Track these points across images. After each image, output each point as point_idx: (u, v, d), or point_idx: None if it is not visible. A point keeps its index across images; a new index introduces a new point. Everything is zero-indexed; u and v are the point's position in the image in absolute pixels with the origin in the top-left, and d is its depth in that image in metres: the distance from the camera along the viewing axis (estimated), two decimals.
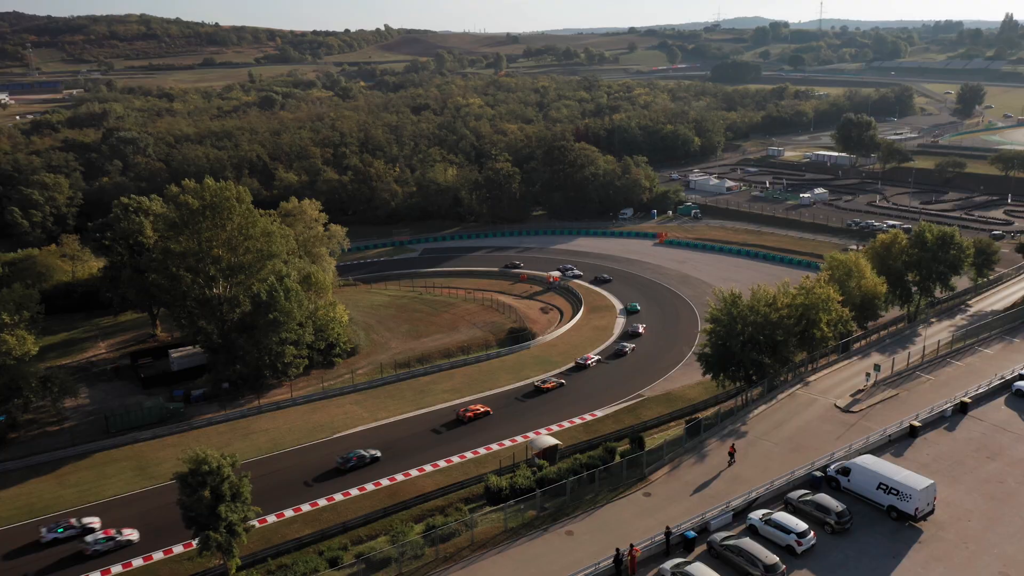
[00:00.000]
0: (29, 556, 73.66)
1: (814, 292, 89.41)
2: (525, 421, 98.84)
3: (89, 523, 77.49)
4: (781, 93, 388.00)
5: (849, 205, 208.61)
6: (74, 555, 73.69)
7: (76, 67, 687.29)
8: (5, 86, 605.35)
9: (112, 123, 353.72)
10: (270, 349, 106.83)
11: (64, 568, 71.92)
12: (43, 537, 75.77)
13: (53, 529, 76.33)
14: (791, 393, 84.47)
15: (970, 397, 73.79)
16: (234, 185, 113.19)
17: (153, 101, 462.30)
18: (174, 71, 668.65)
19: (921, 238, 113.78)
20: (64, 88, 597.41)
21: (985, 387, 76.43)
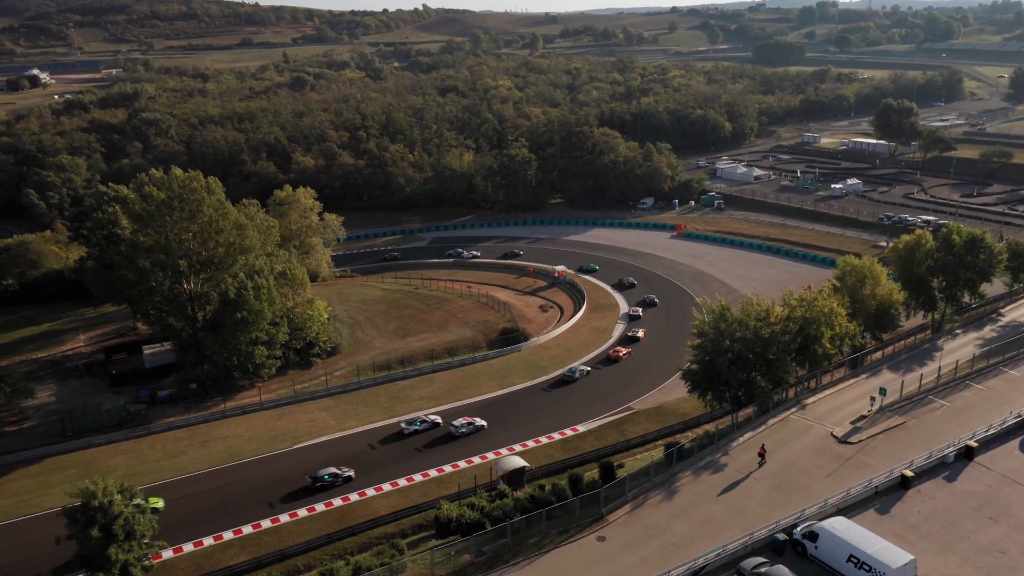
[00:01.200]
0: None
1: (816, 305, 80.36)
2: (504, 435, 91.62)
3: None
4: (822, 76, 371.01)
5: (884, 197, 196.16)
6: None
7: (117, 47, 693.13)
8: (47, 65, 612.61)
9: (143, 104, 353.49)
10: (239, 350, 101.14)
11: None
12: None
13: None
14: (784, 418, 75.86)
15: (977, 440, 64.35)
16: (202, 176, 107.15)
17: (187, 81, 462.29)
18: (212, 51, 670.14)
19: (948, 240, 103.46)
20: (104, 68, 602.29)
21: (997, 427, 66.85)
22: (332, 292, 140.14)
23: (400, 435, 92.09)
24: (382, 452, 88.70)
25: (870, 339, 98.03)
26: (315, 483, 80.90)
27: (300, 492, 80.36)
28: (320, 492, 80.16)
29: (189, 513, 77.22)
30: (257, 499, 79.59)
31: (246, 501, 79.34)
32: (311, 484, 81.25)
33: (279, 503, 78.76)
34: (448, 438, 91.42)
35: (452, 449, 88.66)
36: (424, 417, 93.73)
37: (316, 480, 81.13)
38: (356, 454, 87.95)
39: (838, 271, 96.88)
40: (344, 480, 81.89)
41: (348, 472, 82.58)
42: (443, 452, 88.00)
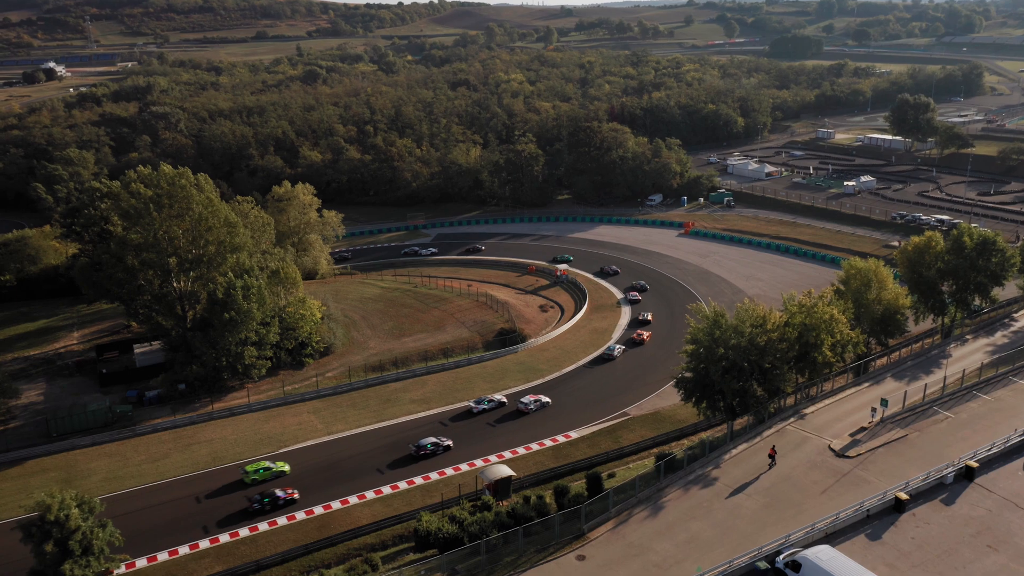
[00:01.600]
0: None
1: (815, 311, 77.17)
2: (493, 441, 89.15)
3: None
4: (839, 70, 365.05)
5: (898, 195, 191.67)
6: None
7: (133, 40, 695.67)
8: (63, 58, 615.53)
9: (156, 97, 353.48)
10: (227, 350, 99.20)
11: None
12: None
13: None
14: (781, 429, 72.90)
15: (978, 460, 61.04)
16: (191, 172, 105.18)
17: (201, 75, 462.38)
18: (227, 44, 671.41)
19: (959, 243, 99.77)
20: (120, 61, 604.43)
21: (1000, 446, 63.48)
22: (330, 290, 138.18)
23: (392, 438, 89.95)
24: (368, 458, 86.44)
25: (875, 345, 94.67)
26: (252, 503, 76.00)
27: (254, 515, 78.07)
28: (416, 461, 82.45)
29: (164, 520, 75.33)
30: (235, 506, 77.52)
31: (224, 508, 77.30)
32: (415, 452, 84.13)
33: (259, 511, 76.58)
34: (517, 415, 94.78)
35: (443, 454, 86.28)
36: (491, 397, 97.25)
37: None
38: (340, 460, 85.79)
39: (842, 274, 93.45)
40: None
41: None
42: (434, 458, 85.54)
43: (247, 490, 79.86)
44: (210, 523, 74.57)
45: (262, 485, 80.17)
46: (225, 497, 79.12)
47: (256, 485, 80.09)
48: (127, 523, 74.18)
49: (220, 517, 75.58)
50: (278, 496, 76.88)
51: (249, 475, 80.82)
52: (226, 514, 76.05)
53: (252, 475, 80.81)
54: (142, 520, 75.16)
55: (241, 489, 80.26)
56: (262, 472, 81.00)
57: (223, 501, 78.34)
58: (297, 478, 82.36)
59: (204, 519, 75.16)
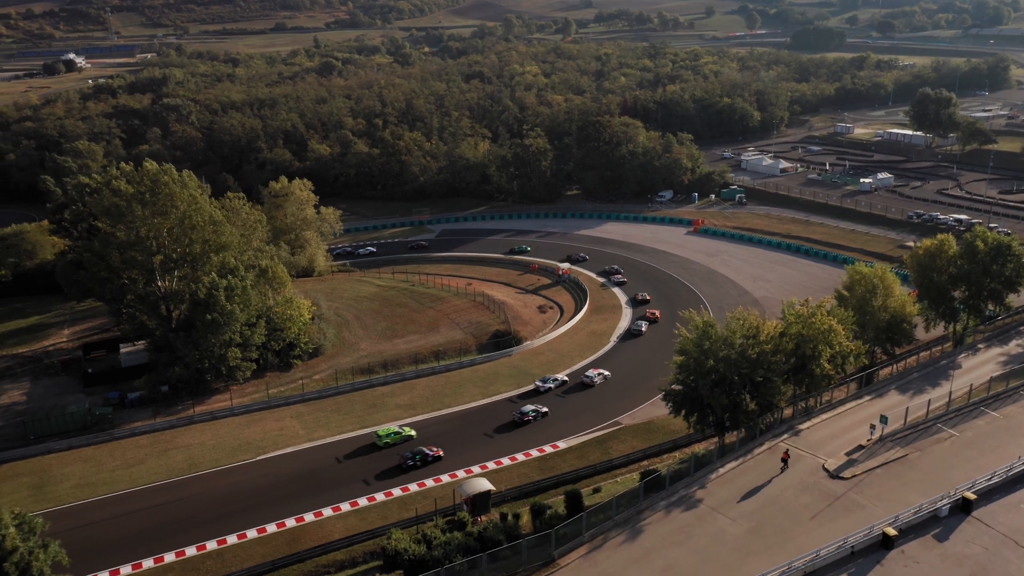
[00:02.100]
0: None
1: (813, 321, 73.05)
2: (479, 451, 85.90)
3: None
4: (861, 63, 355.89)
5: (916, 193, 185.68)
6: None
7: (153, 31, 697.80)
8: (84, 49, 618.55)
9: (171, 89, 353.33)
10: (210, 352, 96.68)
11: None
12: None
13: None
14: (773, 446, 68.98)
15: (976, 492, 56.75)
16: (174, 169, 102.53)
17: (218, 66, 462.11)
18: (246, 35, 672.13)
19: (971, 247, 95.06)
20: (139, 52, 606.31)
21: (1002, 475, 59.11)
22: (326, 288, 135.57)
23: (374, 447, 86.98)
24: (347, 467, 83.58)
25: (880, 354, 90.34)
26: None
27: (249, 510, 75.55)
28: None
29: (134, 531, 72.94)
30: (208, 516, 75.03)
31: (196, 518, 74.82)
32: (519, 419, 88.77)
33: (229, 521, 74.00)
34: (582, 387, 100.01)
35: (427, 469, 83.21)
36: (555, 377, 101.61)
37: (523, 415, 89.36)
38: (319, 469, 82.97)
39: (846, 280, 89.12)
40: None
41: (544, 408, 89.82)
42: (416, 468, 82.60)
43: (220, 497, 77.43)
44: (177, 534, 71.99)
45: (396, 447, 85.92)
46: (196, 506, 76.59)
47: (388, 448, 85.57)
48: (92, 534, 72.46)
49: (188, 527, 73.04)
50: (427, 453, 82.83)
51: (381, 439, 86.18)
52: (194, 524, 73.49)
53: (384, 439, 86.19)
54: (108, 531, 72.89)
55: (213, 497, 77.70)
56: (392, 436, 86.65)
57: (193, 510, 75.78)
58: (272, 487, 79.77)
59: (171, 529, 72.58)
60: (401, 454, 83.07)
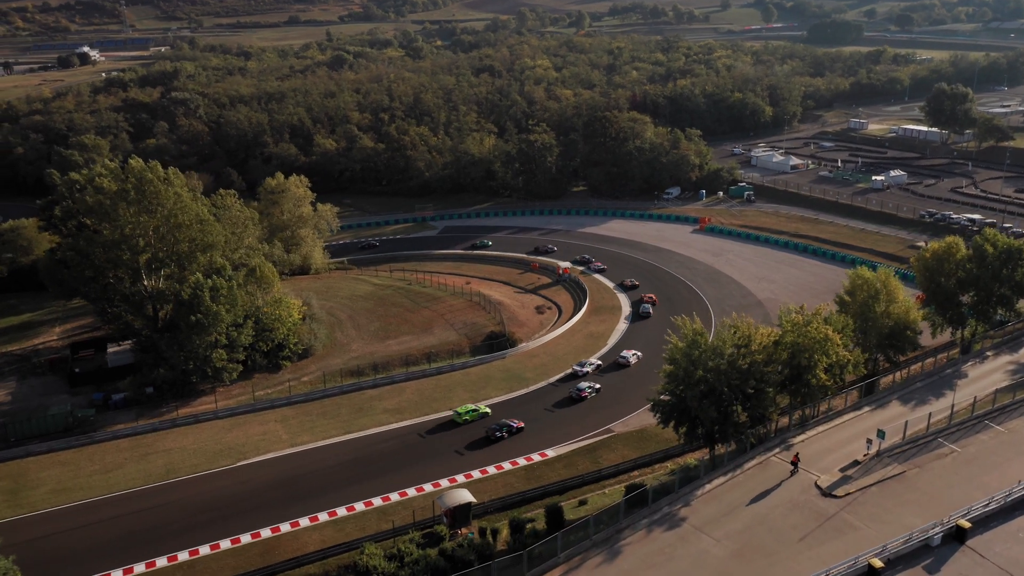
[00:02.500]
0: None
1: (808, 330, 69.90)
2: (464, 459, 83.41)
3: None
4: (877, 57, 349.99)
5: (929, 191, 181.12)
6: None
7: (168, 24, 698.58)
8: (98, 43, 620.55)
9: (182, 82, 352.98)
10: (195, 353, 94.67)
11: None
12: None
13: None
14: (765, 460, 66.12)
15: (971, 520, 53.56)
16: (160, 167, 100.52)
17: (230, 59, 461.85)
18: (259, 29, 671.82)
19: (980, 251, 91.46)
20: (153, 45, 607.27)
21: (1001, 500, 55.81)
22: (321, 286, 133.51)
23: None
24: (328, 473, 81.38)
25: (883, 361, 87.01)
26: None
27: (225, 518, 73.48)
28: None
29: (106, 539, 71.10)
30: (182, 525, 73.03)
31: (170, 527, 72.84)
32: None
33: (203, 530, 71.97)
34: (617, 366, 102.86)
35: (409, 469, 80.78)
36: (591, 360, 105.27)
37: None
38: (299, 476, 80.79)
39: (847, 284, 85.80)
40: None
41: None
42: (398, 474, 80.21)
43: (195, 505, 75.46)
44: (149, 543, 69.98)
45: (475, 423, 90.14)
46: (170, 514, 74.59)
47: (467, 424, 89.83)
48: (61, 543, 70.83)
49: (160, 536, 71.08)
50: (512, 425, 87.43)
51: (461, 416, 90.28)
52: (167, 533, 71.49)
53: (464, 416, 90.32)
54: (78, 540, 71.09)
55: (188, 505, 75.71)
56: (471, 413, 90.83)
57: (167, 519, 73.78)
58: (250, 495, 77.68)
59: (143, 538, 70.57)
60: (488, 427, 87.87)
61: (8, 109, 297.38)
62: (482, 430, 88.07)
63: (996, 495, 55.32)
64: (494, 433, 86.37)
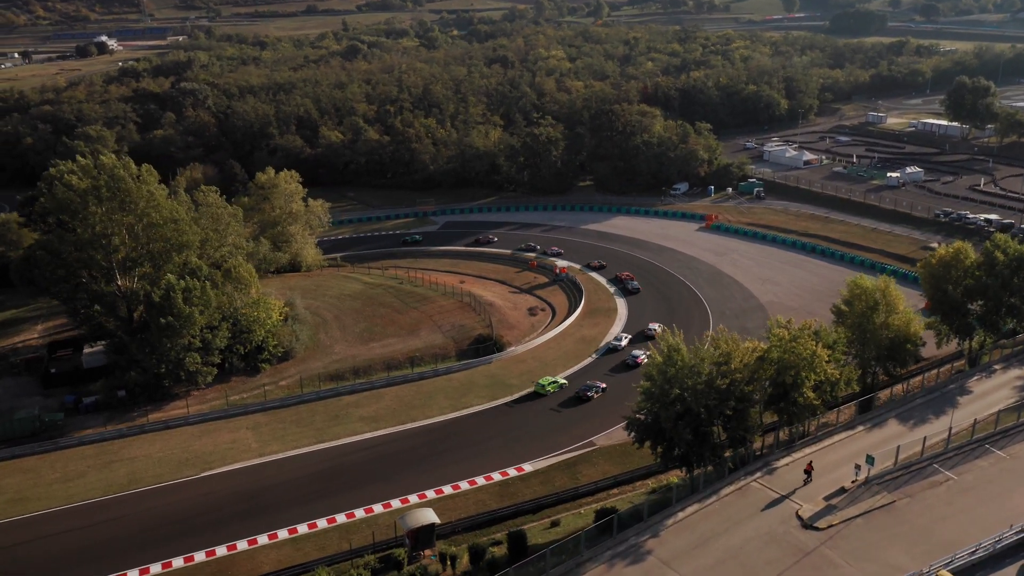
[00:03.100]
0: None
1: (795, 346, 65.34)
2: (434, 472, 79.75)
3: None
4: (900, 48, 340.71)
5: (946, 188, 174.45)
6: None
7: (187, 13, 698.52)
8: (117, 32, 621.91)
9: (195, 72, 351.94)
10: (167, 357, 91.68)
11: None
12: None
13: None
14: (744, 485, 61.83)
15: (954, 570, 48.80)
16: (132, 163, 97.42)
17: (246, 49, 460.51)
18: (277, 18, 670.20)
19: (990, 258, 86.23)
20: (171, 35, 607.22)
21: (990, 546, 50.95)
22: (310, 284, 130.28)
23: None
24: (294, 486, 78.04)
25: (881, 374, 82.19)
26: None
27: (183, 534, 70.38)
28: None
29: (55, 555, 68.32)
30: (136, 540, 70.09)
31: (124, 542, 69.94)
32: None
33: (157, 547, 68.91)
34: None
35: (379, 482, 77.36)
36: (618, 335, 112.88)
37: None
38: (264, 489, 77.57)
39: (845, 293, 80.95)
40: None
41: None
42: (366, 488, 76.84)
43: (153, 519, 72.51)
44: (100, 560, 67.10)
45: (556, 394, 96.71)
46: (127, 529, 71.66)
47: (551, 395, 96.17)
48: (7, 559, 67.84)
49: (113, 552, 68.20)
50: (598, 386, 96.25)
51: (544, 387, 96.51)
52: (120, 549, 68.57)
53: (547, 387, 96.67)
54: (28, 554, 68.48)
55: (146, 519, 72.74)
56: (552, 385, 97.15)
57: (123, 533, 70.86)
58: (210, 509, 74.60)
59: (94, 555, 67.71)
60: (579, 387, 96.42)
61: (20, 99, 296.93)
62: (565, 396, 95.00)
63: (984, 541, 50.60)
64: (585, 393, 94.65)
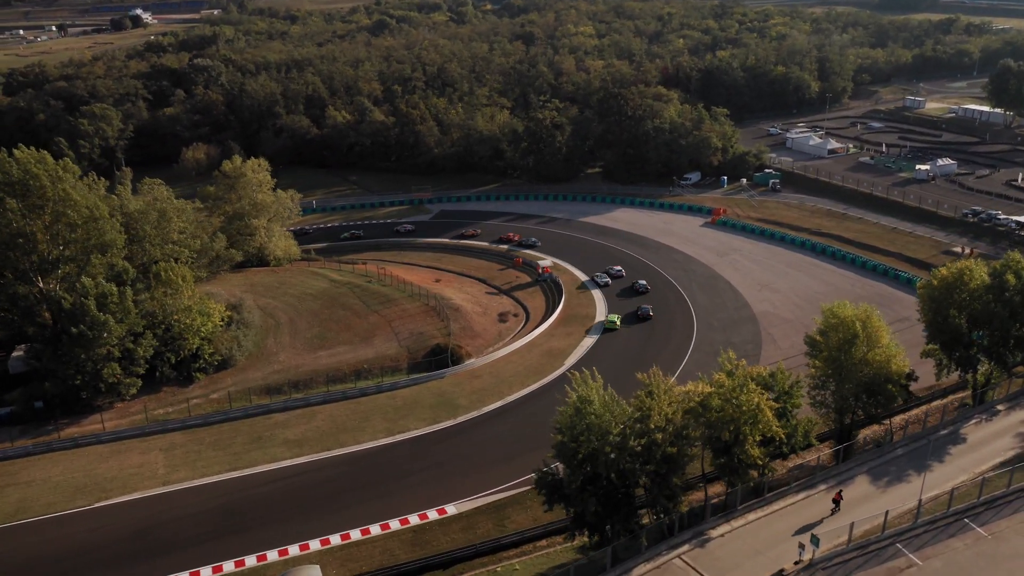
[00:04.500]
0: None
1: (737, 397, 55.04)
2: (344, 513, 71.43)
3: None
4: (948, 26, 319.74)
5: (980, 183, 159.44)
6: None
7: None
8: (153, 4, 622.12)
9: (219, 47, 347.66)
10: (83, 367, 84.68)
11: None
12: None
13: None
14: (665, 564, 52.16)
15: None
16: (51, 158, 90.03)
17: (275, 23, 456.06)
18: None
19: (1001, 280, 74.39)
20: (205, 8, 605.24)
21: None
22: (273, 281, 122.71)
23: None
24: (191, 523, 70.46)
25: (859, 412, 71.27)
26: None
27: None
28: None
29: None
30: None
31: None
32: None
33: None
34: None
35: (281, 523, 69.44)
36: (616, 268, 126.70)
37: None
38: (158, 524, 70.04)
39: (820, 322, 69.96)
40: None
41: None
42: (268, 528, 68.95)
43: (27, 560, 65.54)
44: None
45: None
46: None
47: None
48: None
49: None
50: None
51: (611, 323, 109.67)
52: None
53: (608, 325, 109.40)
54: None
55: (16, 560, 65.82)
56: (611, 324, 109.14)
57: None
58: (94, 548, 67.42)
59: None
60: (633, 282, 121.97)
61: (40, 74, 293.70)
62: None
63: None
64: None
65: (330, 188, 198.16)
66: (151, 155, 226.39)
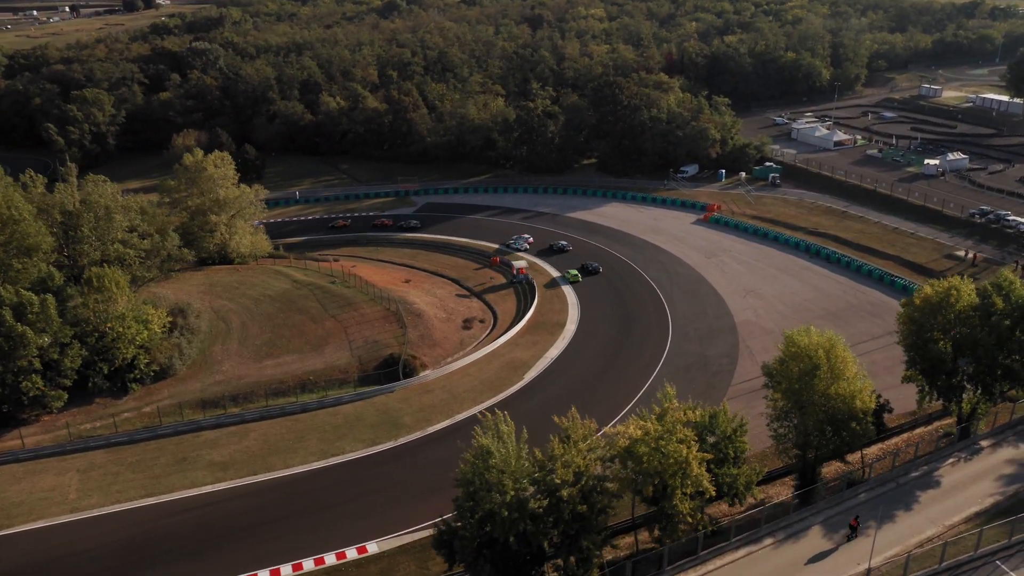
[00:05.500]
0: None
1: (664, 446, 48.37)
2: (255, 549, 65.79)
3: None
4: (972, 10, 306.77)
5: (992, 180, 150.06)
6: None
7: None
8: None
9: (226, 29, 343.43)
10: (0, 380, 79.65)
11: None
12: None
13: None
14: None
15: None
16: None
17: (286, 5, 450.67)
18: None
19: (988, 303, 66.90)
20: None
21: None
22: (233, 281, 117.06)
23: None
24: (94, 557, 65.17)
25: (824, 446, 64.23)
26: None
27: None
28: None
29: None
30: None
31: None
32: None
33: None
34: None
35: (190, 559, 64.00)
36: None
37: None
38: (55, 559, 64.79)
39: (783, 349, 62.87)
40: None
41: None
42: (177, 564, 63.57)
43: None
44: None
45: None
46: None
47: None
48: None
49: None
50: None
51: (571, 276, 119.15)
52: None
53: (571, 278, 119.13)
54: None
55: None
56: (572, 275, 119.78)
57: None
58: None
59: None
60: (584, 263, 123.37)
61: (40, 56, 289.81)
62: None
63: None
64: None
65: (319, 177, 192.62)
66: (144, 141, 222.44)
